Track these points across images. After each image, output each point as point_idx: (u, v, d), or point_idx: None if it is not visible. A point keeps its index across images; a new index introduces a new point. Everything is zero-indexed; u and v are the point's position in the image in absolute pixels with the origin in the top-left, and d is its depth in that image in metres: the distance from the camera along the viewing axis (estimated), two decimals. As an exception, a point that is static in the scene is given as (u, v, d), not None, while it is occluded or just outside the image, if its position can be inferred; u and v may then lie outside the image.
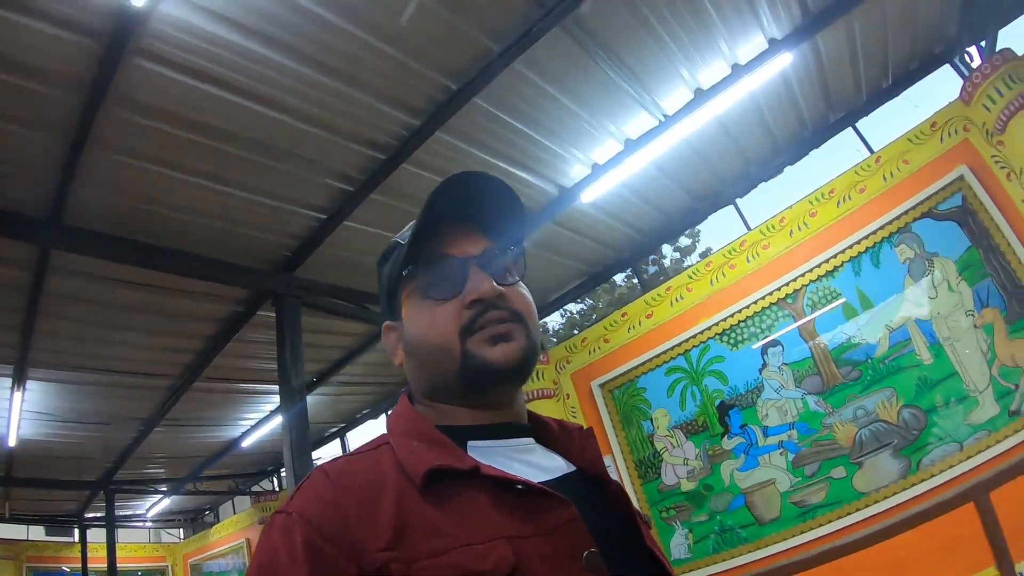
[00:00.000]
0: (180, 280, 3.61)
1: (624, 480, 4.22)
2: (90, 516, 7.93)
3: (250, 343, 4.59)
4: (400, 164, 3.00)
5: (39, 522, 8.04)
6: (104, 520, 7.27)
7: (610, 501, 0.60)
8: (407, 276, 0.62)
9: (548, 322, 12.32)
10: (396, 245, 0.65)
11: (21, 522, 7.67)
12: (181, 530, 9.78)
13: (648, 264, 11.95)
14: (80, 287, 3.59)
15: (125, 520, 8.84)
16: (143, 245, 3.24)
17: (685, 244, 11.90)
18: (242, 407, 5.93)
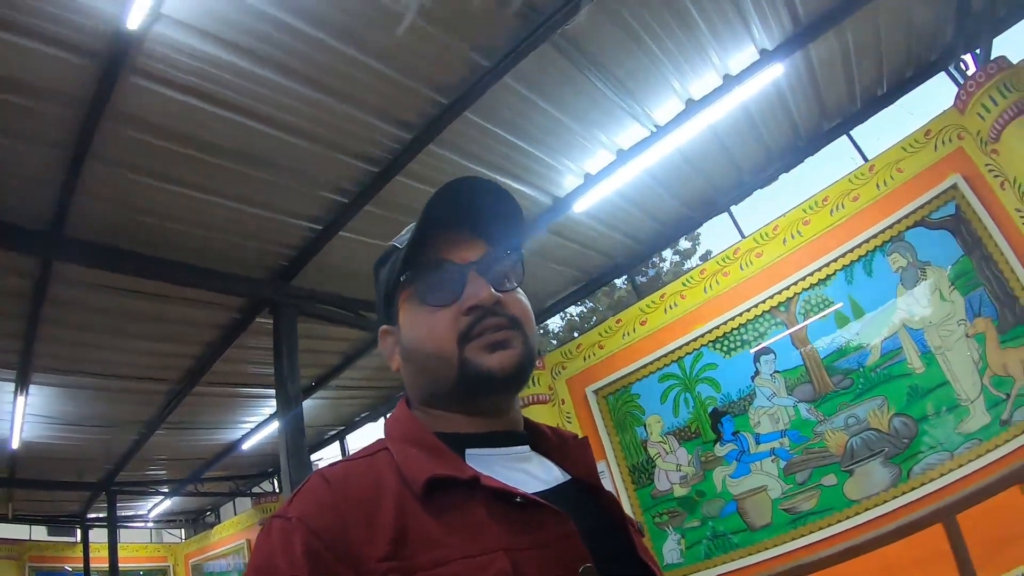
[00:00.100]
0: (180, 288, 3.66)
1: (618, 485, 4.25)
2: (92, 516, 8.02)
3: (249, 349, 4.64)
4: (393, 176, 3.04)
5: (42, 522, 8.12)
6: (106, 521, 7.34)
7: (604, 511, 0.60)
8: (405, 281, 0.61)
9: (548, 324, 12.35)
10: (394, 249, 0.65)
11: (24, 522, 7.74)
12: (182, 530, 9.86)
13: (648, 267, 11.97)
14: (81, 295, 3.66)
15: (127, 520, 8.92)
16: (143, 256, 3.30)
17: (685, 247, 11.90)
18: (242, 410, 5.99)
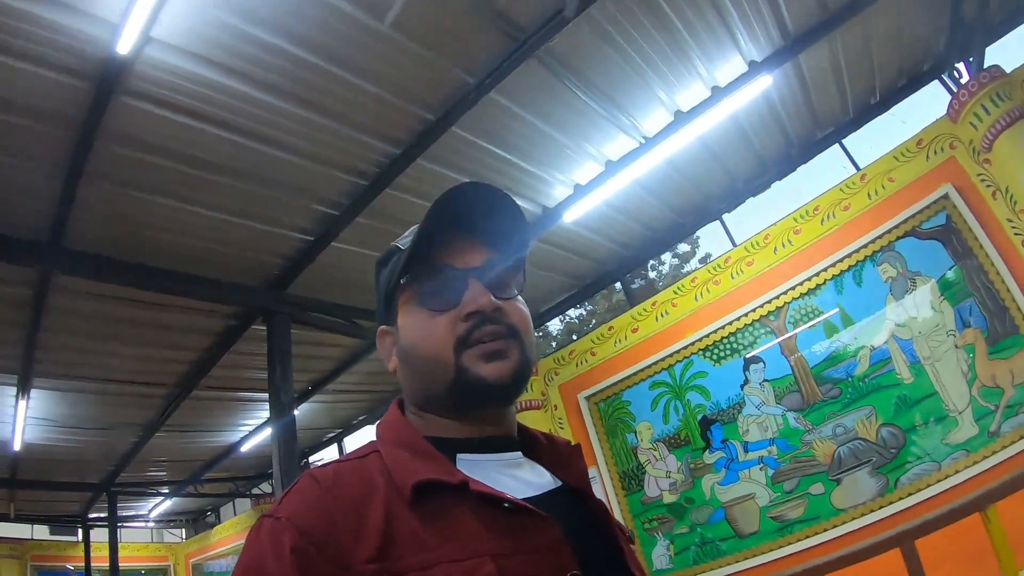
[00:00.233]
0: (176, 297, 3.72)
1: (608, 491, 4.28)
2: (93, 516, 8.11)
3: (245, 355, 4.69)
4: (383, 189, 3.09)
5: (43, 522, 8.22)
6: (107, 520, 7.44)
7: (594, 519, 0.61)
8: (405, 283, 0.61)
9: (548, 326, 12.37)
10: (396, 250, 0.64)
11: (26, 522, 7.84)
12: (183, 530, 9.96)
13: (648, 269, 11.97)
14: (80, 304, 3.73)
15: (128, 520, 9.02)
16: (140, 266, 3.37)
17: (684, 250, 11.88)
18: (240, 414, 6.05)
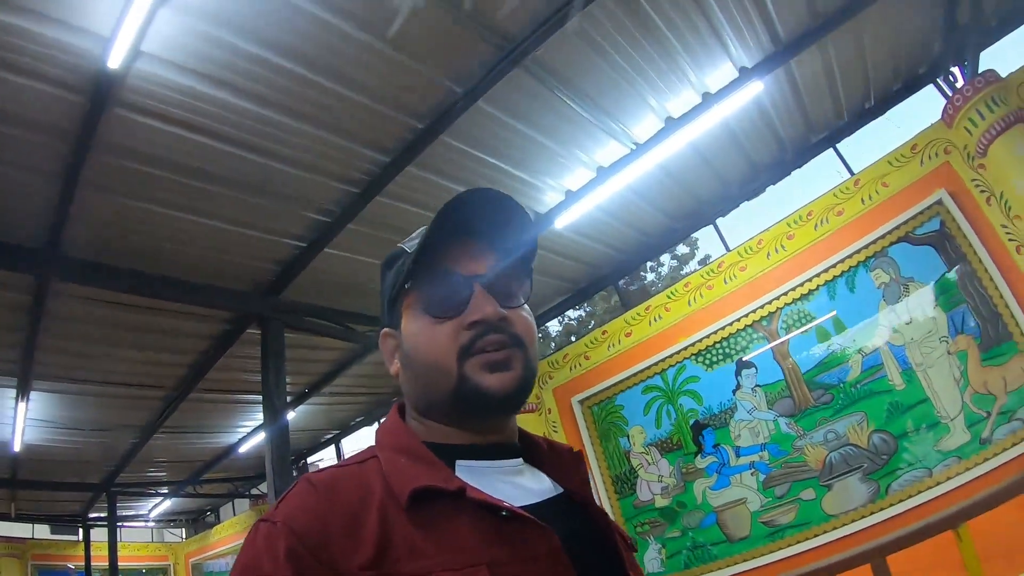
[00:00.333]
0: (172, 302, 3.75)
1: (601, 495, 4.30)
2: (93, 516, 8.18)
3: (241, 358, 4.72)
4: (374, 197, 3.11)
5: (44, 521, 8.29)
6: (106, 520, 7.50)
7: (594, 526, 0.60)
8: (410, 288, 0.60)
9: (548, 327, 12.38)
10: (401, 252, 0.64)
11: (27, 521, 7.91)
12: (183, 530, 10.03)
13: (648, 271, 11.96)
14: (78, 309, 3.77)
15: (128, 520, 9.09)
16: (136, 272, 3.41)
17: (683, 252, 11.84)
18: (237, 416, 6.09)
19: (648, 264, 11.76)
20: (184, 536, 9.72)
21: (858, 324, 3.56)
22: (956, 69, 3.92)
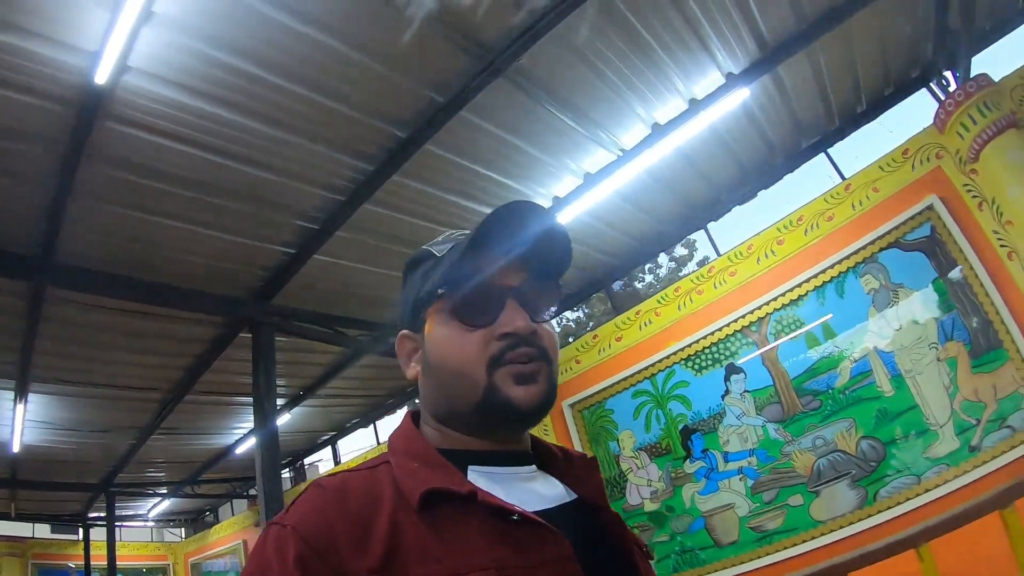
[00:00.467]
0: (166, 307, 3.80)
1: (592, 500, 4.30)
2: (93, 516, 8.26)
3: (235, 361, 4.76)
4: (360, 205, 3.14)
5: (44, 520, 8.37)
6: (105, 520, 7.57)
7: (608, 533, 0.59)
8: (443, 294, 0.59)
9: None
10: (429, 254, 0.63)
11: (27, 521, 7.99)
12: (182, 529, 10.11)
13: (646, 272, 11.95)
14: (74, 314, 3.82)
15: (127, 519, 9.17)
16: (128, 279, 3.45)
17: (681, 254, 11.81)
18: (232, 417, 6.13)
19: (647, 266, 11.75)
20: (183, 536, 9.80)
21: (847, 330, 3.55)
22: (949, 73, 3.90)
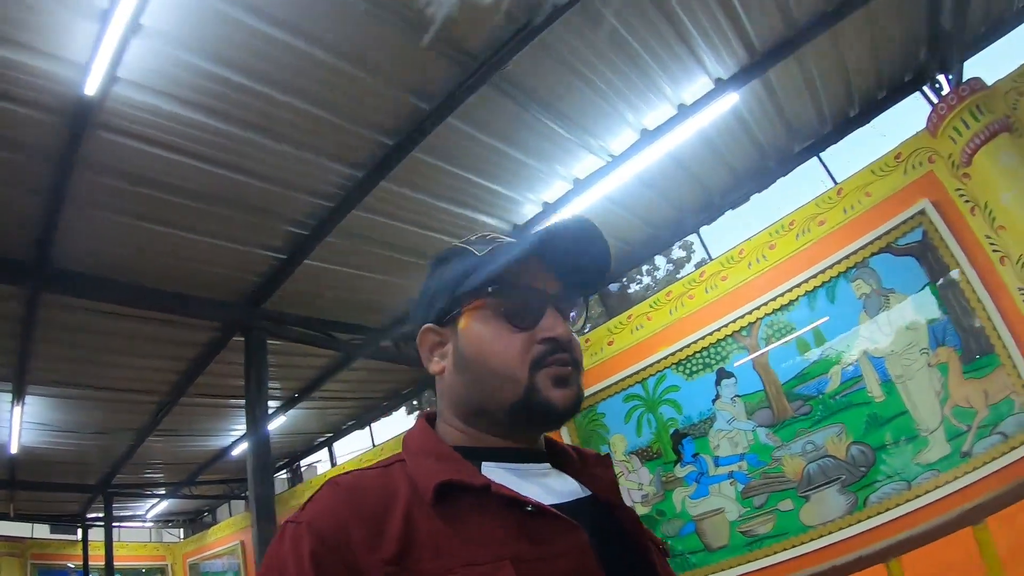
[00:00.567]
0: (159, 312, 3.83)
1: (583, 503, 4.30)
2: (92, 516, 8.30)
3: (230, 364, 4.78)
4: (350, 211, 3.16)
5: (43, 520, 8.42)
6: (103, 521, 7.61)
7: (623, 529, 0.60)
8: (491, 293, 0.59)
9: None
10: (462, 251, 0.64)
11: (26, 521, 8.04)
12: (181, 530, 10.16)
13: (643, 274, 11.94)
14: (70, 318, 3.86)
15: (125, 520, 9.22)
16: (122, 284, 3.49)
17: (679, 256, 11.78)
18: (228, 419, 6.16)
19: (644, 268, 11.73)
20: (181, 536, 9.84)
21: (838, 335, 3.54)
22: (942, 77, 3.88)
